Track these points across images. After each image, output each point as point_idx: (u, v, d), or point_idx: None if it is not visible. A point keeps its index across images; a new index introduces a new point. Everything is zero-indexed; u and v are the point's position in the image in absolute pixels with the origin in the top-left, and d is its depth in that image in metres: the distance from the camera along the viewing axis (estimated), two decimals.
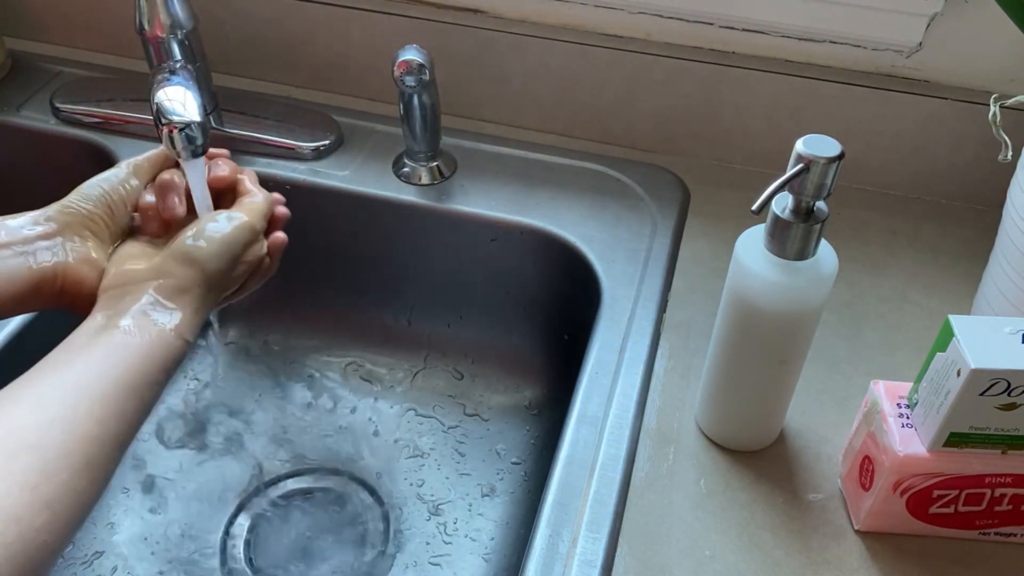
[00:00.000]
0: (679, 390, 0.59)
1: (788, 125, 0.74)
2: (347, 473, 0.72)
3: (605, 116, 0.79)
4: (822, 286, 0.47)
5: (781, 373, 0.51)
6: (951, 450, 0.46)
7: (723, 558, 0.50)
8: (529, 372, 0.78)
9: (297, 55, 0.82)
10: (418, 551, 0.67)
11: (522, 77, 0.78)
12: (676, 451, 0.56)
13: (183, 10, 0.69)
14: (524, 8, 0.76)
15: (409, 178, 0.75)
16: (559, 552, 0.50)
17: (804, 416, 0.58)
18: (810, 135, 0.43)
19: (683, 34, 0.74)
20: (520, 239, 0.73)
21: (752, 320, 0.49)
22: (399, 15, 0.77)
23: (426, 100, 0.69)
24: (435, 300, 0.79)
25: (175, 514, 0.69)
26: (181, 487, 0.71)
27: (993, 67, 0.70)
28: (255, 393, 0.77)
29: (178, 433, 0.74)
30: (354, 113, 0.81)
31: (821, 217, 0.45)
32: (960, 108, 0.70)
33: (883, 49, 0.71)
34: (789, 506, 0.53)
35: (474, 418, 0.76)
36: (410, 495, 0.71)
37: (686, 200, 0.75)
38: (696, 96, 0.75)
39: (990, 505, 0.49)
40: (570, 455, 0.55)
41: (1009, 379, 0.43)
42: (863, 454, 0.51)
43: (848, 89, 0.71)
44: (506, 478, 0.72)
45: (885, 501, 0.49)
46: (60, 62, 0.85)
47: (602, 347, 0.62)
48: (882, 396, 0.49)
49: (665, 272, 0.68)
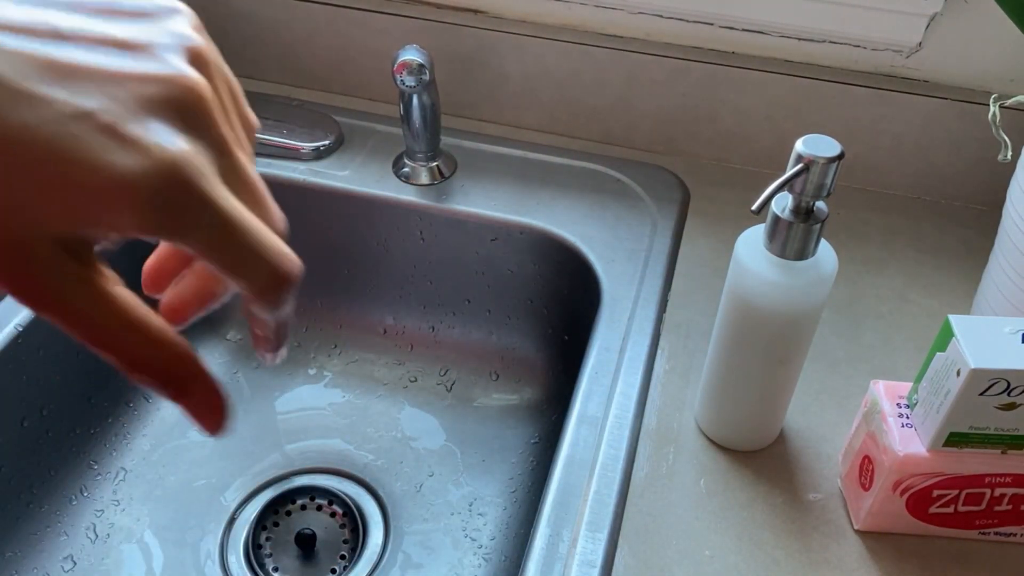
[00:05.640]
0: (679, 390, 0.59)
1: (788, 125, 0.74)
2: (345, 472, 0.72)
3: (605, 116, 0.79)
4: (822, 286, 0.47)
5: (781, 373, 0.51)
6: (951, 450, 0.46)
7: (723, 558, 0.50)
8: (529, 372, 0.78)
9: (297, 55, 0.83)
10: (417, 551, 0.67)
11: (522, 77, 0.78)
12: (676, 451, 0.56)
13: None
14: (524, 8, 0.76)
15: (409, 178, 0.75)
16: (559, 552, 0.50)
17: (804, 416, 0.58)
18: (810, 135, 0.43)
19: (683, 34, 0.74)
20: (520, 239, 0.73)
21: (752, 320, 0.49)
22: (399, 15, 0.77)
23: (426, 100, 0.69)
24: (435, 300, 0.79)
25: (166, 518, 0.69)
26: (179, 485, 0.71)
27: (993, 67, 0.70)
28: (254, 392, 0.77)
29: (176, 430, 0.74)
30: (354, 113, 0.81)
31: (821, 217, 0.45)
32: (960, 108, 0.70)
33: (883, 49, 0.71)
34: (789, 506, 0.53)
35: (474, 418, 0.76)
36: (409, 495, 0.71)
37: (686, 200, 0.75)
38: (696, 96, 0.75)
39: (990, 505, 0.49)
40: (570, 455, 0.55)
41: (1009, 379, 0.43)
42: (863, 454, 0.51)
43: (848, 89, 0.71)
44: (506, 478, 0.72)
45: (885, 501, 0.49)
46: None
47: (602, 347, 0.62)
48: (882, 396, 0.49)
49: (665, 272, 0.68)
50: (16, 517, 0.66)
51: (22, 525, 0.66)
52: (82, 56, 0.23)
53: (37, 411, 0.67)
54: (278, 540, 0.68)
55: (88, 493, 0.69)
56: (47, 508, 0.67)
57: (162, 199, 0.23)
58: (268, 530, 0.68)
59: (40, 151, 0.22)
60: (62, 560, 0.65)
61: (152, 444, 0.73)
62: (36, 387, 0.67)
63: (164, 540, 0.67)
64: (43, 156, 0.22)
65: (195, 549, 0.67)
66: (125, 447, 0.73)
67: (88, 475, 0.70)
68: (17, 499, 0.66)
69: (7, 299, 0.65)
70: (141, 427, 0.74)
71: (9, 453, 0.65)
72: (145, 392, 0.76)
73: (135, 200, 0.23)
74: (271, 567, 0.66)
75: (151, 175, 0.23)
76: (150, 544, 0.67)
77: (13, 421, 0.65)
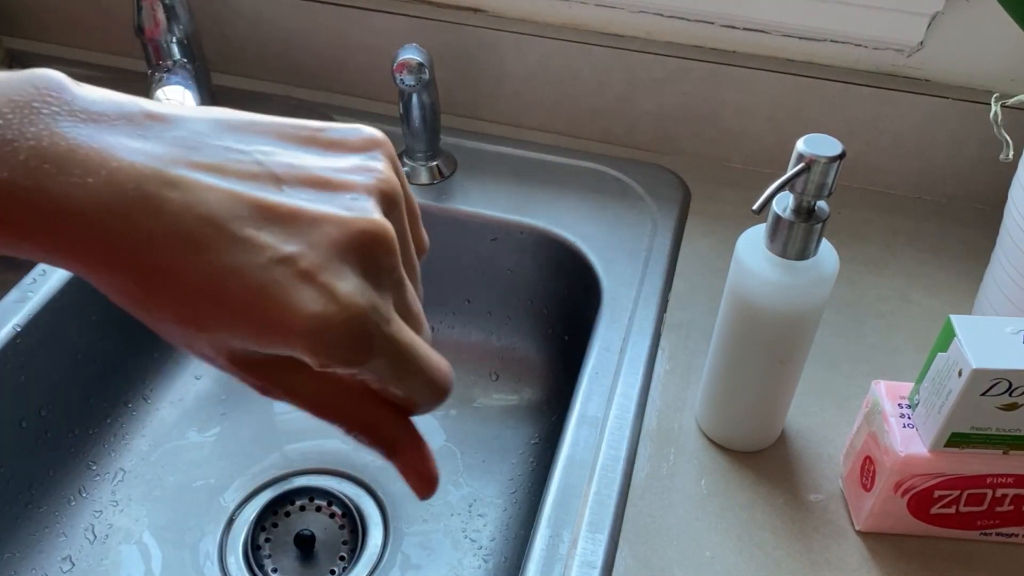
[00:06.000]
0: (680, 390, 0.59)
1: (789, 124, 0.74)
2: (345, 473, 0.72)
3: (605, 115, 0.78)
4: (823, 286, 0.47)
5: (782, 373, 0.51)
6: (952, 450, 0.46)
7: (724, 559, 0.50)
8: (529, 372, 0.78)
9: (296, 54, 0.82)
10: (417, 552, 0.67)
11: (522, 76, 0.78)
12: (677, 452, 0.56)
13: (182, 9, 0.68)
14: (524, 7, 0.76)
15: (409, 177, 0.74)
16: (559, 553, 0.50)
17: (805, 416, 0.58)
18: (811, 134, 0.43)
19: (684, 33, 0.74)
20: (520, 239, 0.73)
21: (753, 320, 0.49)
22: (399, 14, 0.77)
23: (426, 99, 0.69)
24: (434, 300, 0.79)
25: (165, 519, 0.69)
26: (178, 486, 0.71)
27: (994, 66, 0.69)
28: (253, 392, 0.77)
29: (175, 430, 0.74)
30: (353, 112, 0.81)
31: (822, 217, 0.45)
32: (961, 107, 0.70)
33: (884, 48, 0.71)
34: (790, 507, 0.53)
35: (473, 418, 0.76)
36: (408, 496, 0.70)
37: (687, 200, 0.75)
38: (697, 95, 0.75)
39: (991, 505, 0.49)
40: (570, 455, 0.55)
41: (1010, 379, 0.43)
42: (864, 454, 0.50)
43: (849, 88, 0.71)
44: (506, 479, 0.72)
45: (886, 501, 0.49)
46: (59, 61, 0.85)
47: (602, 347, 0.61)
48: (883, 396, 0.49)
49: (665, 272, 0.67)
50: (15, 518, 0.65)
51: (20, 526, 0.66)
52: (287, 199, 0.25)
53: (36, 412, 0.67)
54: (277, 541, 0.68)
55: (87, 494, 0.69)
56: (45, 509, 0.67)
57: (345, 342, 0.25)
58: (267, 531, 0.68)
59: (248, 293, 0.24)
60: (60, 561, 0.65)
61: (151, 445, 0.73)
62: (35, 387, 0.67)
63: (163, 541, 0.67)
64: (249, 297, 0.24)
65: (194, 550, 0.67)
66: (124, 448, 0.72)
67: (87, 476, 0.70)
68: (16, 500, 0.66)
69: (6, 299, 0.65)
70: (140, 428, 0.74)
71: (8, 453, 0.65)
72: (144, 393, 0.76)
73: (319, 341, 0.25)
74: (270, 568, 0.66)
75: (339, 322, 0.25)
76: (149, 545, 0.67)
77: (12, 421, 0.65)
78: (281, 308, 0.24)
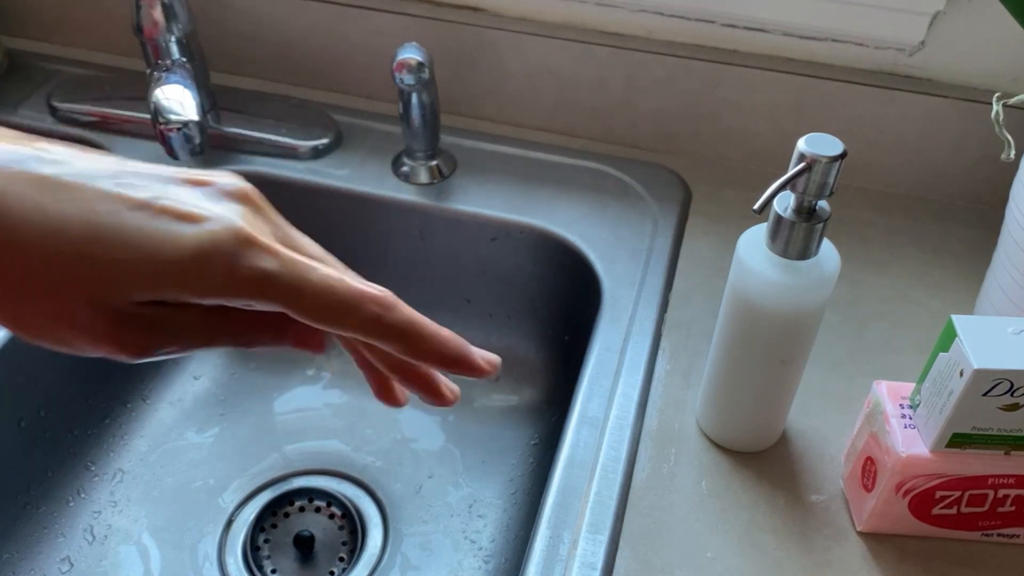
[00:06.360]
0: (680, 391, 0.59)
1: (790, 124, 0.74)
2: (344, 474, 0.72)
3: (606, 115, 0.78)
4: (824, 286, 0.47)
5: (783, 374, 0.51)
6: (954, 451, 0.46)
7: (725, 560, 0.50)
8: (529, 372, 0.78)
9: (295, 53, 0.82)
10: (416, 553, 0.67)
11: (522, 76, 0.78)
12: (677, 452, 0.56)
13: (181, 9, 0.68)
14: (524, 6, 0.76)
15: (408, 177, 0.74)
16: (559, 554, 0.50)
17: (806, 417, 0.58)
18: (812, 134, 0.43)
19: (684, 32, 0.74)
20: (520, 238, 0.73)
21: (754, 320, 0.48)
22: (398, 13, 0.77)
23: (425, 99, 0.69)
24: (434, 299, 0.79)
25: (163, 519, 0.69)
26: (177, 486, 0.70)
27: (996, 65, 0.69)
28: (252, 393, 0.77)
29: (174, 431, 0.74)
30: (353, 112, 0.81)
31: (823, 216, 0.44)
32: (962, 107, 0.70)
33: (885, 47, 0.71)
34: (791, 507, 0.53)
35: (473, 419, 0.76)
36: (408, 496, 0.70)
37: (687, 199, 0.74)
38: (697, 95, 0.75)
39: (993, 506, 0.48)
40: (570, 456, 0.55)
41: (1012, 379, 0.42)
42: (865, 455, 0.50)
43: (850, 87, 0.71)
44: (506, 479, 0.72)
45: (887, 502, 0.49)
46: (57, 61, 0.85)
47: (602, 347, 0.61)
48: (884, 397, 0.49)
49: (666, 272, 0.67)
50: (13, 518, 0.65)
51: (19, 526, 0.66)
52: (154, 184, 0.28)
53: (34, 412, 0.67)
54: (276, 542, 0.68)
55: (85, 494, 0.69)
56: (44, 509, 0.67)
57: (228, 257, 0.26)
58: (266, 532, 0.68)
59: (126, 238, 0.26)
60: (59, 562, 0.65)
61: (150, 445, 0.73)
62: (33, 388, 0.66)
63: (162, 541, 0.67)
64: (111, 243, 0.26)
65: (193, 551, 0.66)
66: (123, 448, 0.72)
67: (85, 476, 0.70)
68: (14, 500, 0.66)
69: None
70: (139, 428, 0.74)
71: (6, 454, 0.65)
72: (143, 393, 0.75)
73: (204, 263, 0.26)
74: (269, 569, 0.66)
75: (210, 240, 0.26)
76: (148, 545, 0.67)
77: (10, 422, 0.65)
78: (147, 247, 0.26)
